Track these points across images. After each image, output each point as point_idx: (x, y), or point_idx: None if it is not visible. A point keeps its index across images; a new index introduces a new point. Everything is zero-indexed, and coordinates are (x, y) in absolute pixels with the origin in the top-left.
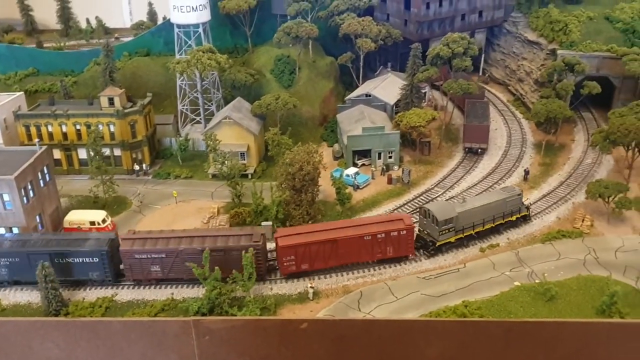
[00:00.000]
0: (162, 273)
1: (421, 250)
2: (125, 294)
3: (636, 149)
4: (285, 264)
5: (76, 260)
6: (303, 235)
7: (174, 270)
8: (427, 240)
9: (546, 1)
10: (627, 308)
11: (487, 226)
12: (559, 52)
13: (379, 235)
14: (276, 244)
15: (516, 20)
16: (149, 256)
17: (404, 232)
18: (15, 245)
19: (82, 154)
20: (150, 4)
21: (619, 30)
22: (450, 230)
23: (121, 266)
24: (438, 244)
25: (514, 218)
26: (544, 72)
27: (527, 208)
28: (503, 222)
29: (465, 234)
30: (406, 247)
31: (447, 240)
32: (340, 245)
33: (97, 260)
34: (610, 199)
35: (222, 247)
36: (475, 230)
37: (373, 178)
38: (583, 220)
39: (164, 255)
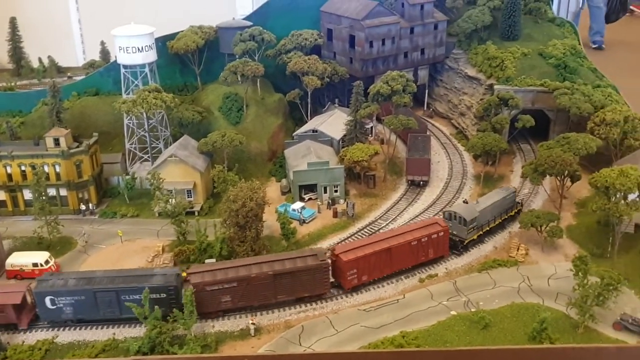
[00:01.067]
0: (232, 303)
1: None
2: (65, 335)
3: (568, 179)
4: (349, 278)
5: (133, 297)
6: (361, 248)
7: (245, 298)
8: (456, 240)
9: (484, 38)
10: (557, 333)
11: (497, 221)
12: (495, 87)
13: (422, 240)
14: (337, 260)
15: (457, 57)
16: (220, 287)
17: (442, 233)
18: (80, 283)
19: (28, 194)
20: (102, 43)
21: (552, 65)
22: (475, 228)
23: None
24: (466, 241)
25: (512, 213)
26: (479, 107)
27: (520, 204)
28: (506, 217)
29: (483, 230)
30: (443, 247)
31: (472, 238)
32: (393, 253)
33: (165, 296)
34: (543, 228)
35: (290, 270)
36: (490, 226)
37: (319, 212)
38: (518, 249)
39: (235, 284)
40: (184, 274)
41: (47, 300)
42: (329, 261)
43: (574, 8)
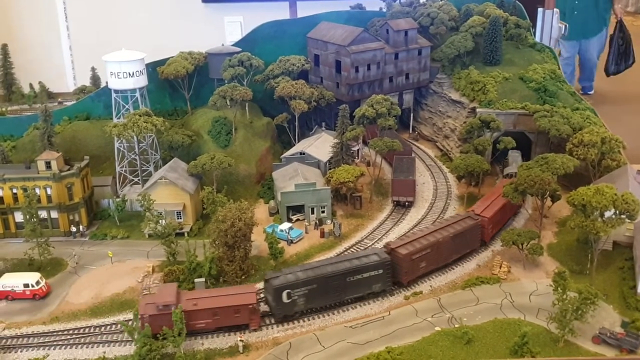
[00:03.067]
0: (425, 268)
1: None
2: (56, 354)
3: (548, 199)
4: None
5: (364, 275)
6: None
7: (434, 261)
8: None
9: (467, 63)
10: (538, 347)
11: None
12: (477, 110)
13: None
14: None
15: (441, 82)
16: (420, 254)
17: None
18: (309, 273)
19: (19, 217)
20: (93, 69)
21: (532, 89)
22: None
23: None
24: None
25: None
26: (462, 130)
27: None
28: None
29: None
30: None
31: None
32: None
33: (382, 271)
34: (524, 246)
35: (462, 230)
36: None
37: (306, 232)
38: (500, 267)
39: (429, 250)
40: None
41: (284, 294)
42: (479, 219)
43: (556, 34)
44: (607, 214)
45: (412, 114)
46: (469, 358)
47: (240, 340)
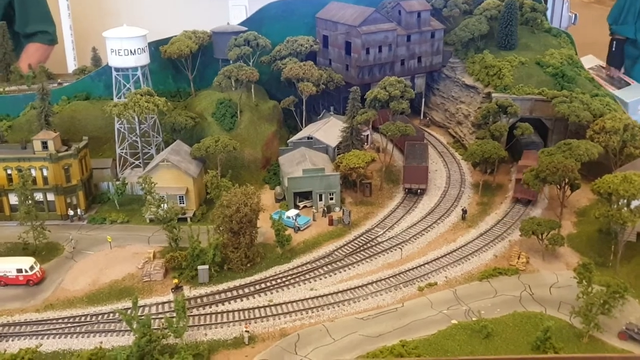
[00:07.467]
0: None
1: None
2: (50, 344)
3: (567, 187)
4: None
5: None
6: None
7: None
8: None
9: (481, 47)
10: (561, 343)
11: None
12: (493, 95)
13: None
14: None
15: (454, 66)
16: None
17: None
18: None
19: (14, 199)
20: (94, 50)
21: (549, 74)
22: None
23: None
24: None
25: None
26: (478, 114)
27: None
28: None
29: None
30: None
31: None
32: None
33: None
34: (544, 236)
35: None
36: None
37: (314, 220)
38: (519, 258)
39: None
40: (176, 281)
41: None
42: None
43: (565, 24)
44: (634, 203)
45: (423, 100)
46: (489, 353)
47: (246, 331)
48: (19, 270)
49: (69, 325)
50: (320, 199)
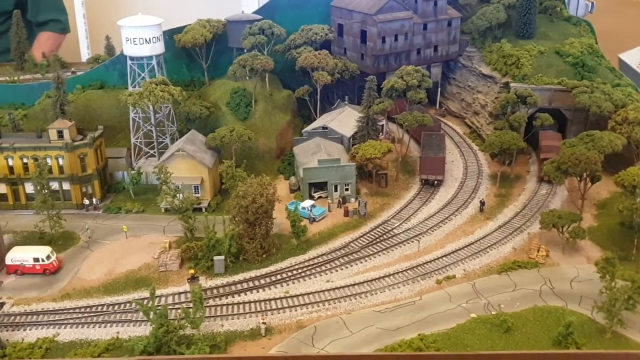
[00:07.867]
0: None
1: None
2: (67, 334)
3: (588, 179)
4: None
5: None
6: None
7: None
8: None
9: (499, 36)
10: (583, 338)
11: None
12: (511, 84)
13: None
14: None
15: (471, 55)
16: None
17: None
18: None
19: (30, 188)
20: (107, 38)
21: (569, 64)
22: None
23: None
24: None
25: None
26: (497, 104)
27: None
28: None
29: None
30: None
31: None
32: None
33: None
34: (564, 229)
35: None
36: None
37: (329, 210)
38: (538, 251)
39: None
40: (192, 271)
41: None
42: None
43: (582, 12)
44: None
45: (439, 89)
46: (509, 348)
47: (263, 323)
48: (36, 260)
49: (85, 315)
50: (336, 190)
